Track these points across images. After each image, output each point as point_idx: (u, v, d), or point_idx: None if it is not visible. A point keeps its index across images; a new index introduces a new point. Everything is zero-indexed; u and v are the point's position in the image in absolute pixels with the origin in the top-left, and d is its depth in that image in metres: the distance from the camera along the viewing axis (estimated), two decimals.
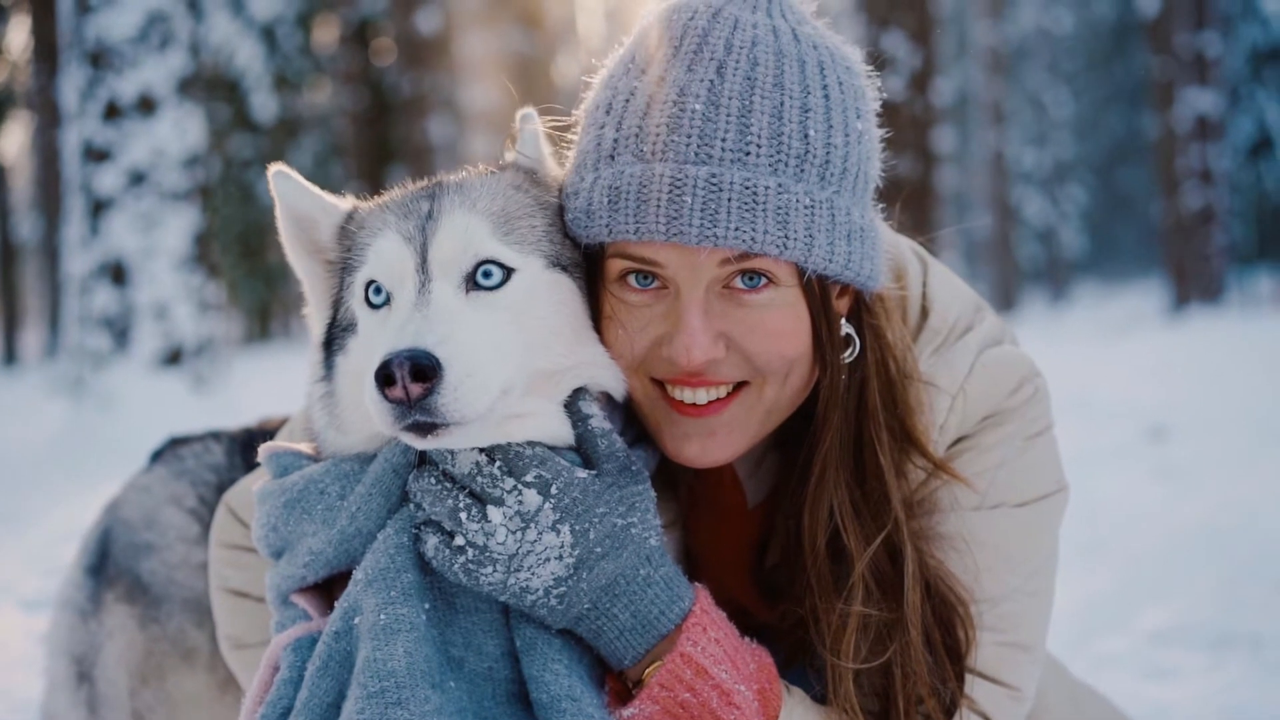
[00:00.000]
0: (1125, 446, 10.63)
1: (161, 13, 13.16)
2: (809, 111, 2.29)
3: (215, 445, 3.31)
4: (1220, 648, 5.50)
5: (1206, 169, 27.37)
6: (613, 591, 2.25)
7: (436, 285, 2.25)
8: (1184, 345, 19.34)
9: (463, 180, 2.47)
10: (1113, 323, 28.19)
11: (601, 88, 2.46)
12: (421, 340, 2.10)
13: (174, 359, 13.14)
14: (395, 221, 2.35)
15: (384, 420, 2.12)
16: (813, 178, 2.28)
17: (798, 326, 2.37)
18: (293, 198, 2.51)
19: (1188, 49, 27.35)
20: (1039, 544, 2.58)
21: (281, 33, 35.66)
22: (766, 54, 2.30)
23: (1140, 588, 6.38)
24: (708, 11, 2.36)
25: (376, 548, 2.24)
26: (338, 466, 2.35)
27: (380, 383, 2.07)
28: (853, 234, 2.34)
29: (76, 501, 9.56)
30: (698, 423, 2.43)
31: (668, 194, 2.25)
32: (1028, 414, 2.59)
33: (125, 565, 3.12)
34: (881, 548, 2.46)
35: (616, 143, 2.34)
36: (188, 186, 13.30)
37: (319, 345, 2.48)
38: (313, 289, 2.55)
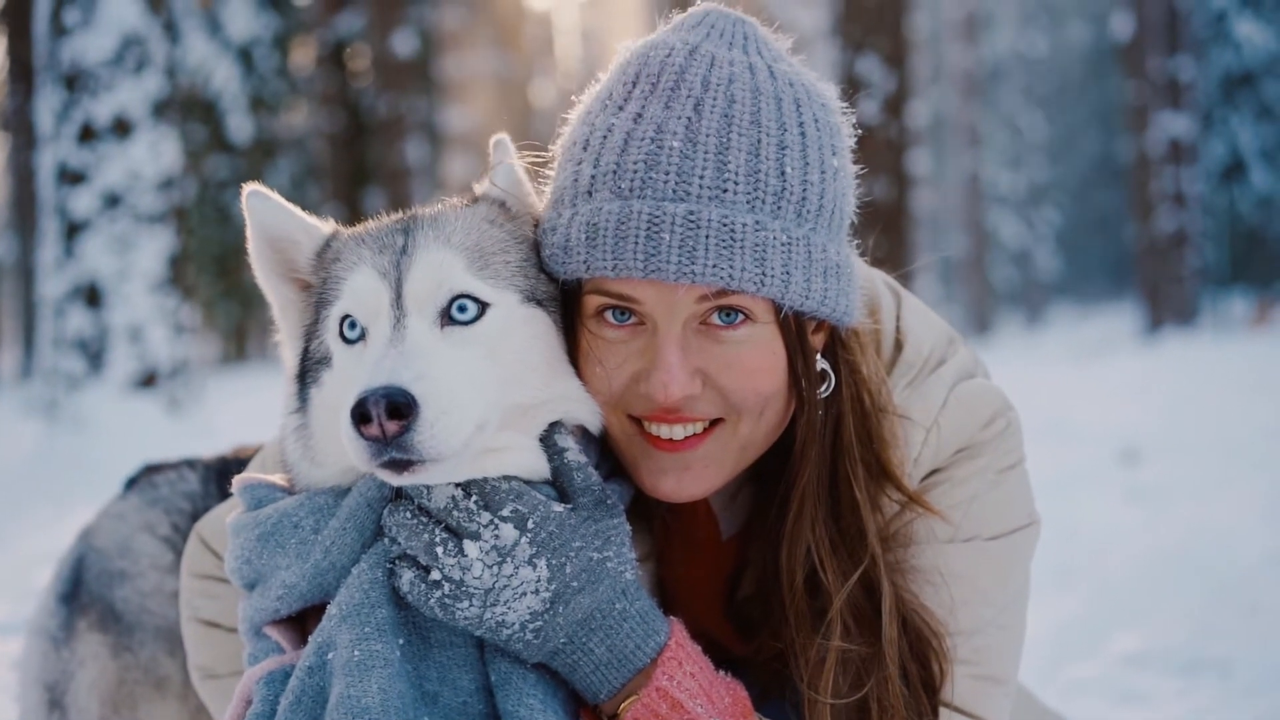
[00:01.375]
0: (1098, 469, 10.64)
1: (137, 35, 13.14)
2: (786, 149, 2.30)
3: (190, 473, 3.31)
4: (1192, 672, 5.50)
5: (1180, 192, 27.56)
6: (588, 626, 2.26)
7: (412, 321, 2.24)
8: (1158, 368, 19.43)
9: (437, 214, 2.46)
10: (1087, 345, 28.30)
11: (579, 123, 2.46)
12: (397, 377, 2.10)
13: (148, 382, 13.09)
14: (370, 256, 2.34)
15: (360, 457, 2.12)
16: (789, 215, 2.29)
17: (774, 363, 2.38)
18: (270, 218, 2.49)
19: (1161, 73, 27.55)
20: (1011, 577, 2.60)
21: (258, 54, 35.66)
22: (743, 91, 2.32)
23: (1112, 612, 6.38)
24: (685, 49, 2.37)
25: (351, 582, 2.24)
26: (312, 500, 2.35)
27: (356, 420, 2.08)
28: (829, 270, 2.35)
29: (49, 524, 9.51)
30: (674, 458, 2.43)
31: (645, 231, 2.25)
32: (1000, 447, 2.60)
33: (98, 593, 3.11)
34: (858, 583, 2.46)
35: (594, 179, 2.34)
36: (163, 209, 13.26)
37: (293, 377, 2.47)
38: (283, 314, 2.55)
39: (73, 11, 13.07)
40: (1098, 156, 55.43)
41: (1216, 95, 35.98)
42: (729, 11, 2.47)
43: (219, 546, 2.82)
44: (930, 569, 2.53)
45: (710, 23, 2.43)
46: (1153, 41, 27.48)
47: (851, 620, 2.46)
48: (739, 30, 2.43)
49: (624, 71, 2.42)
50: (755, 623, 2.70)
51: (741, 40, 2.41)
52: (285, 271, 2.52)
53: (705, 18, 2.45)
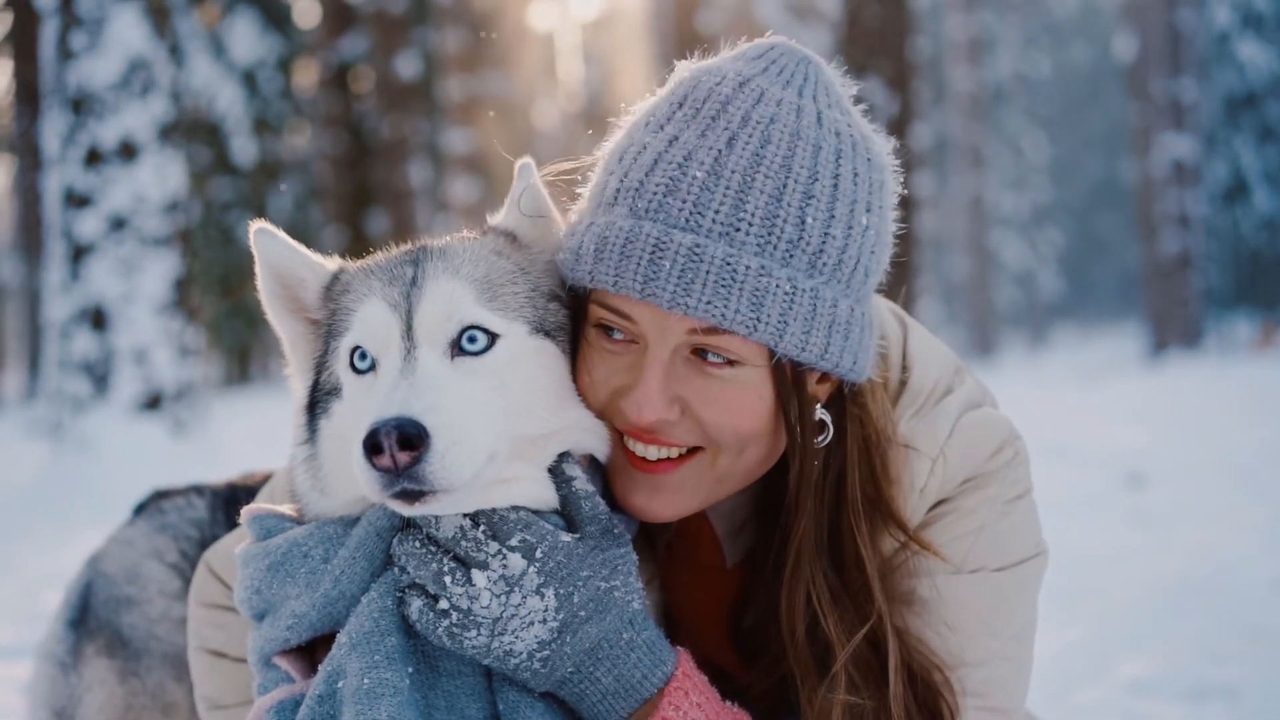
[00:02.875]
0: (1103, 493, 10.64)
1: (143, 59, 13.17)
2: (812, 198, 2.28)
3: (198, 499, 3.31)
4: (1199, 698, 5.49)
5: (1184, 214, 27.60)
6: (596, 655, 2.26)
7: (422, 352, 2.25)
8: (1162, 390, 19.42)
9: (446, 246, 2.47)
10: (1091, 367, 28.29)
11: (624, 134, 2.47)
12: (408, 408, 2.11)
13: (153, 404, 13.09)
14: (380, 288, 2.35)
15: (372, 488, 2.13)
16: (800, 264, 2.28)
17: (757, 405, 2.37)
18: (276, 256, 2.50)
19: (1164, 95, 27.61)
20: (1018, 608, 2.58)
21: (262, 77, 35.77)
22: (782, 133, 2.30)
23: (1118, 637, 6.37)
24: (736, 79, 2.36)
25: (360, 611, 2.24)
26: (321, 529, 2.36)
27: (368, 451, 2.08)
28: (836, 325, 2.33)
29: (55, 547, 9.51)
30: (646, 478, 2.44)
31: (649, 254, 2.26)
32: (1008, 477, 2.58)
33: (106, 619, 3.12)
34: (867, 645, 2.45)
35: (618, 193, 2.35)
36: (168, 232, 13.28)
37: (302, 408, 2.47)
38: (294, 349, 2.55)
39: (79, 35, 13.10)
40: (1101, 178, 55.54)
41: (1219, 117, 36.02)
42: (796, 50, 2.45)
43: (227, 576, 2.82)
44: (937, 600, 2.52)
45: (772, 57, 2.41)
46: (1156, 63, 27.55)
47: (857, 674, 2.45)
48: (800, 70, 2.40)
49: (674, 91, 2.42)
50: (759, 650, 2.69)
51: (800, 80, 2.38)
52: (294, 307, 2.52)
53: (769, 51, 2.43)
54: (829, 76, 2.44)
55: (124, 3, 13.13)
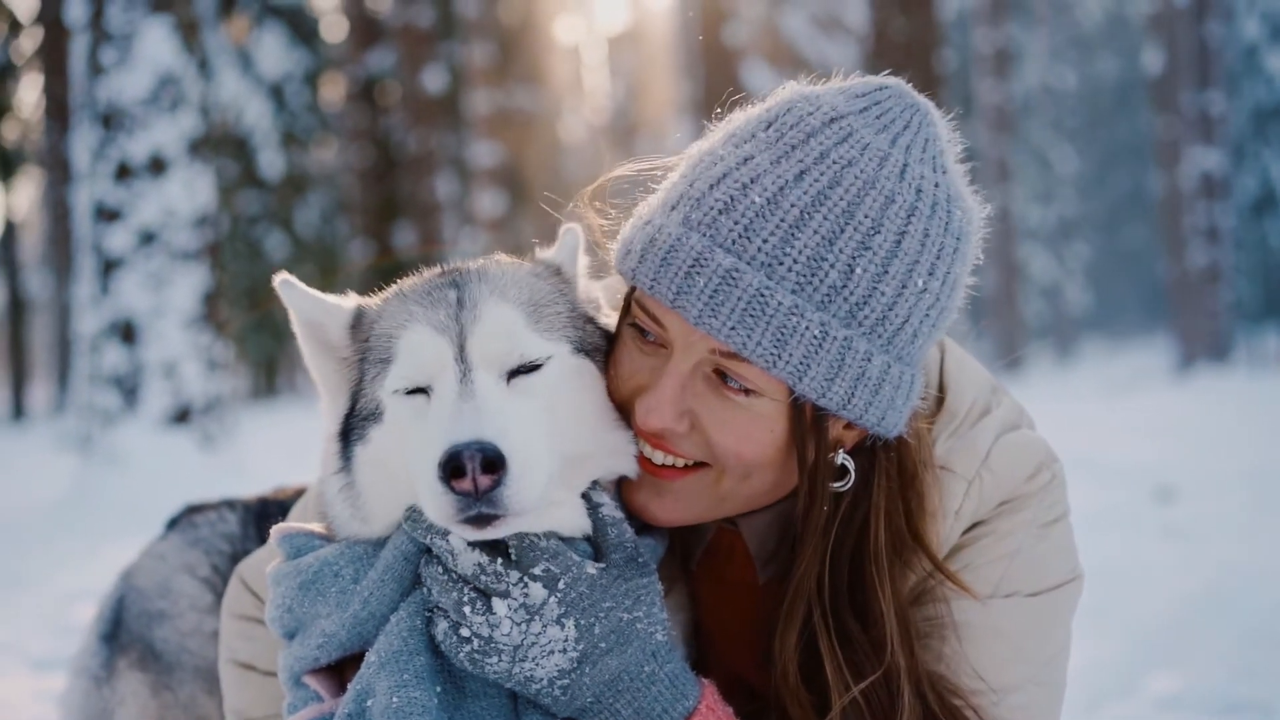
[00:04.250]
0: (1132, 507, 10.58)
1: (172, 75, 13.25)
2: (868, 250, 2.23)
3: (230, 514, 3.33)
4: (1228, 714, 5.45)
5: (1212, 226, 27.48)
6: (616, 687, 2.26)
7: (478, 375, 2.25)
8: (1191, 404, 19.33)
9: (483, 268, 2.48)
10: (1119, 380, 28.15)
11: (709, 140, 2.46)
12: (483, 432, 2.11)
13: (182, 417, 13.15)
14: (423, 312, 2.34)
15: (442, 511, 2.13)
16: (838, 312, 2.24)
17: (766, 438, 2.35)
18: (298, 304, 2.48)
19: (1192, 107, 27.51)
20: (1052, 634, 2.55)
21: (290, 91, 35.94)
22: (856, 178, 2.25)
23: (1149, 652, 6.33)
24: (828, 114, 2.31)
25: (390, 630, 2.25)
26: (351, 549, 2.36)
27: (446, 473, 2.08)
28: (865, 378, 2.28)
29: (85, 560, 9.56)
30: (651, 479, 2.44)
31: (687, 267, 2.25)
32: (1044, 500, 2.55)
33: (138, 633, 3.14)
34: (880, 682, 2.42)
35: (681, 198, 2.35)
36: (197, 246, 13.34)
37: (336, 436, 2.45)
38: (325, 383, 2.53)
39: (109, 51, 13.19)
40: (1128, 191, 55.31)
41: (1248, 129, 35.86)
42: (908, 95, 2.39)
43: (259, 588, 2.83)
44: (969, 624, 2.49)
45: (877, 99, 2.36)
46: (1184, 76, 27.45)
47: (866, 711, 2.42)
48: (904, 118, 2.34)
49: (768, 110, 2.39)
50: None
51: (899, 128, 2.32)
52: (322, 348, 2.51)
53: (877, 91, 2.37)
54: (935, 130, 2.37)
55: (154, 18, 13.22)
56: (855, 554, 2.46)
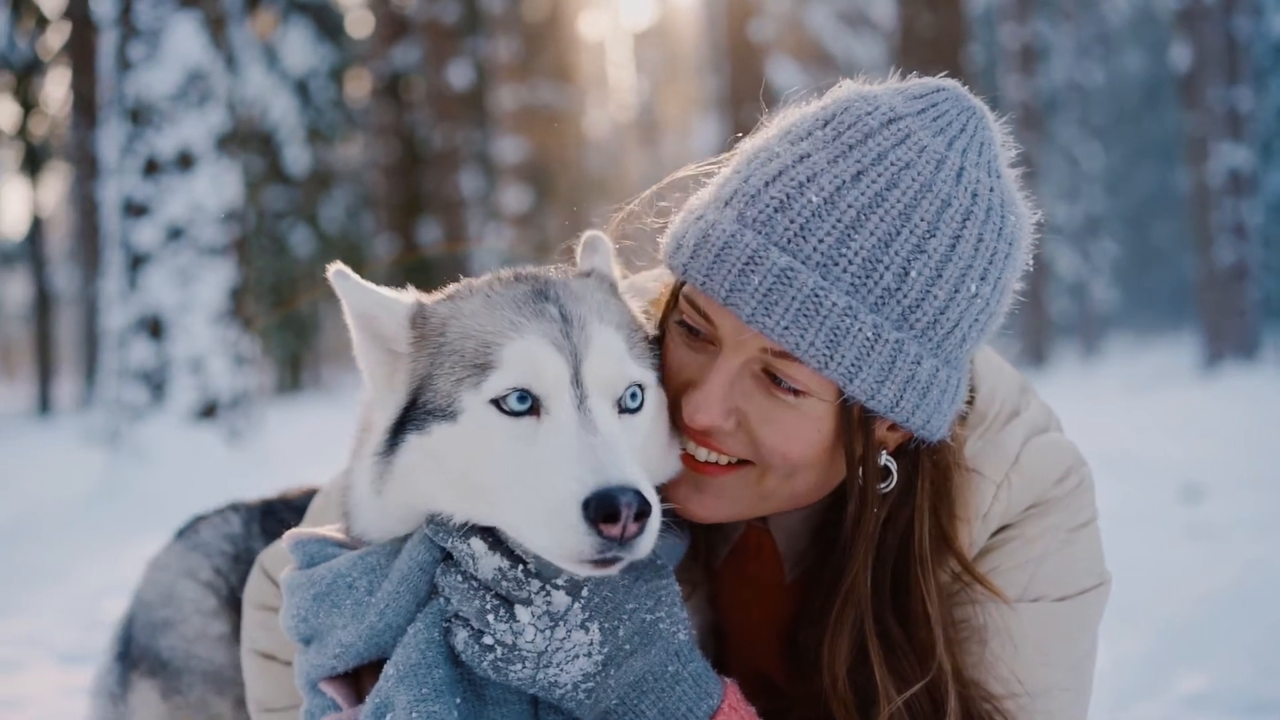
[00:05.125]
0: (1159, 505, 10.53)
1: (200, 70, 13.28)
2: (923, 253, 2.23)
3: (233, 516, 3.35)
4: (1256, 713, 5.44)
5: (1240, 223, 27.30)
6: (640, 688, 2.25)
7: (595, 404, 2.22)
8: (1218, 401, 19.21)
9: (564, 281, 2.44)
10: (1145, 378, 28.02)
11: (762, 136, 2.45)
12: (631, 477, 2.08)
13: (209, 412, 13.19)
14: (530, 324, 2.28)
15: (573, 549, 2.08)
16: (891, 314, 2.24)
17: (814, 438, 2.35)
18: (353, 296, 2.40)
19: (1220, 104, 27.33)
20: (1079, 639, 2.55)
21: (315, 86, 35.97)
22: (913, 181, 2.25)
23: (1175, 651, 6.30)
24: (886, 114, 2.31)
25: (407, 642, 2.24)
26: (364, 560, 2.35)
27: (598, 516, 2.04)
28: (914, 381, 2.28)
29: (112, 555, 9.61)
30: (690, 475, 2.45)
31: (742, 264, 2.25)
32: (1072, 504, 2.55)
33: (145, 644, 3.17)
34: (924, 690, 2.42)
35: (734, 194, 2.34)
36: (224, 241, 13.38)
37: (388, 428, 2.34)
38: (373, 374, 2.44)
39: (137, 46, 13.22)
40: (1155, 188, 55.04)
41: (1276, 125, 35.65)
42: (964, 98, 2.39)
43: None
44: (995, 628, 2.49)
45: (934, 100, 2.35)
46: (1211, 72, 27.28)
47: None
48: (959, 121, 2.34)
49: (825, 108, 2.39)
50: (811, 669, 2.66)
51: (955, 132, 2.32)
52: (374, 340, 2.42)
53: (935, 94, 2.37)
54: (990, 134, 2.38)
55: (182, 13, 13.25)
56: (899, 558, 2.46)
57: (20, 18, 32.54)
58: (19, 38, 32.73)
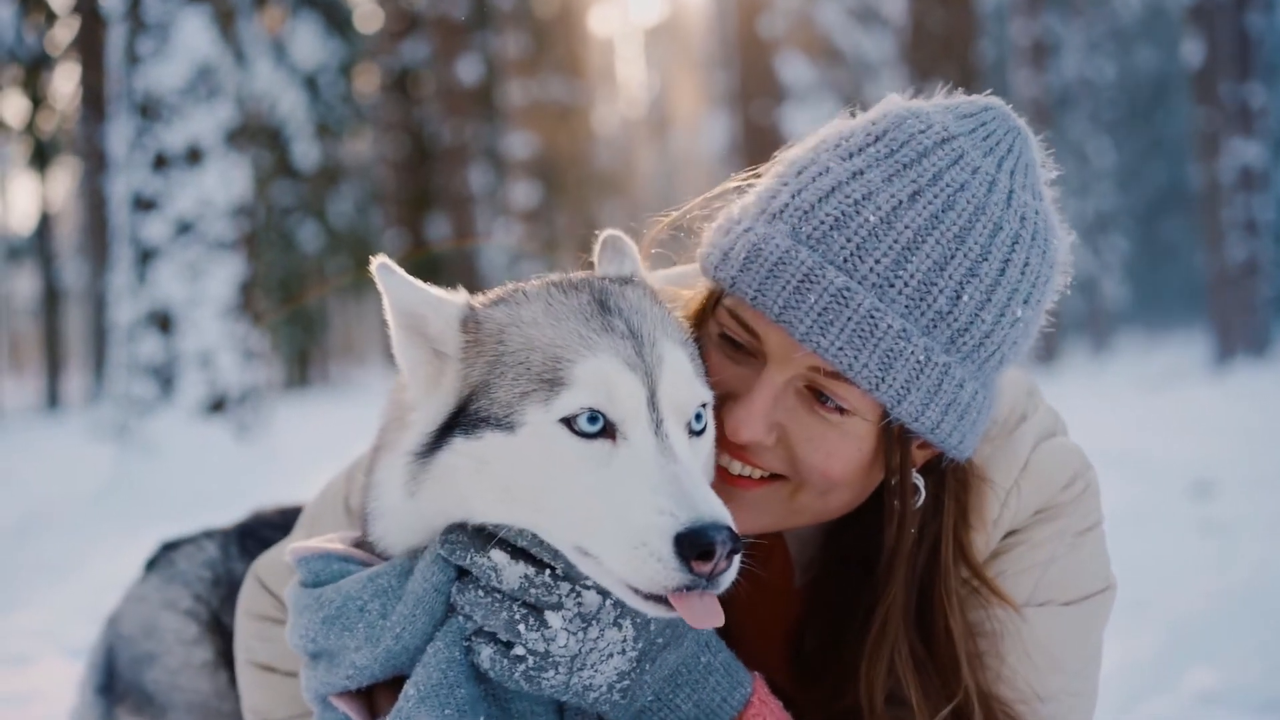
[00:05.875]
0: (1169, 503, 10.50)
1: (209, 65, 13.30)
2: (975, 277, 2.24)
3: (208, 543, 3.33)
4: (1269, 711, 5.43)
5: (1251, 220, 27.19)
6: (675, 681, 2.24)
7: (671, 428, 2.16)
8: (1229, 398, 19.14)
9: (625, 293, 2.34)
10: (1155, 375, 27.95)
11: (809, 147, 2.43)
12: (723, 513, 2.03)
13: (218, 407, 13.20)
14: (604, 341, 2.19)
15: (659, 580, 2.02)
16: (941, 337, 2.24)
17: (855, 456, 2.35)
18: (397, 291, 2.30)
19: (1232, 100, 27.22)
20: (1085, 644, 2.55)
21: (324, 81, 35.98)
22: (968, 203, 2.25)
23: (1186, 648, 6.29)
24: (940, 133, 2.31)
25: (427, 662, 2.21)
26: (374, 582, 2.29)
27: (693, 553, 1.98)
28: (955, 404, 2.29)
29: (121, 549, 9.59)
30: (723, 487, 2.40)
31: (797, 282, 2.23)
32: (1079, 509, 2.55)
33: (130, 680, 3.15)
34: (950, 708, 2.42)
35: (785, 208, 2.31)
36: (233, 236, 13.40)
37: (431, 430, 2.25)
38: (414, 374, 2.33)
39: (146, 41, 13.25)
40: (1166, 184, 54.91)
41: None
42: (1010, 118, 2.39)
43: (276, 587, 2.82)
44: (1003, 634, 2.49)
45: (983, 119, 2.36)
46: (1223, 68, 27.18)
47: None
48: (1007, 141, 2.34)
49: (875, 124, 2.36)
50: (817, 674, 2.68)
51: (1003, 152, 2.32)
52: (417, 338, 2.32)
53: (983, 112, 2.37)
54: (1033, 155, 2.39)
55: (191, 8, 13.29)
56: (926, 575, 2.46)
57: (29, 12, 32.55)
58: (27, 32, 32.75)
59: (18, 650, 7.04)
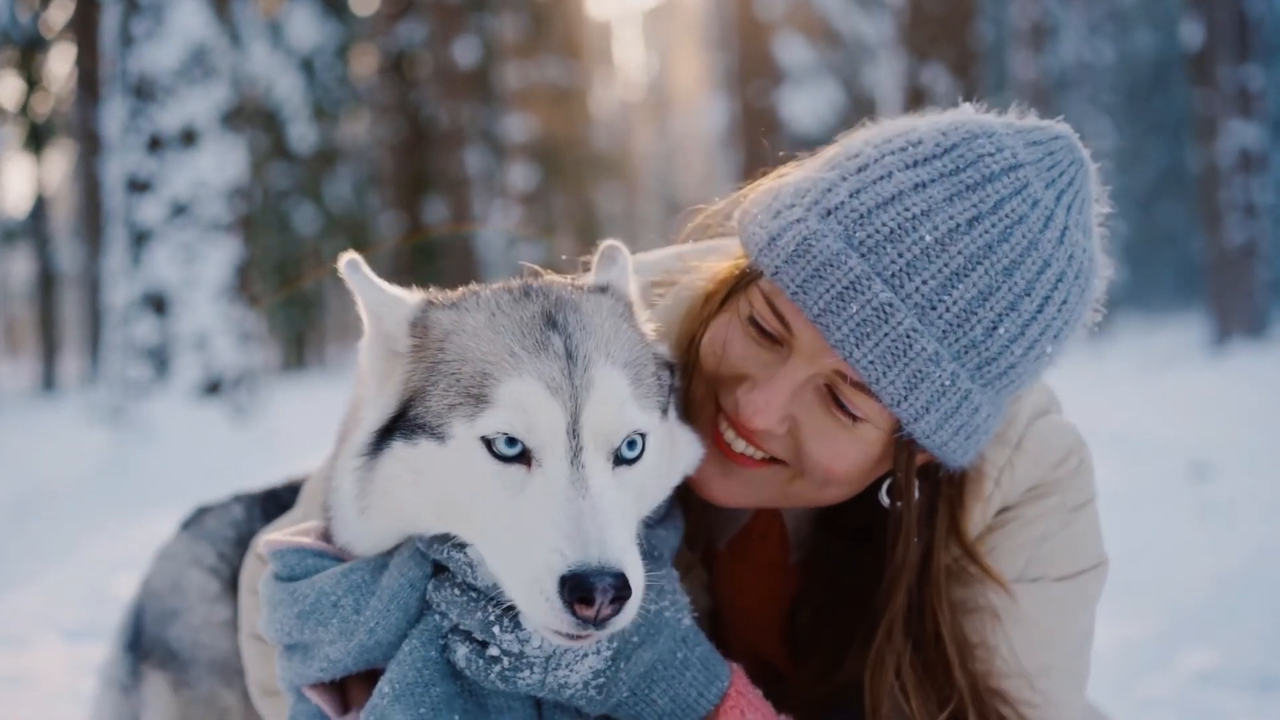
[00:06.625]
0: (1167, 484, 10.51)
1: (204, 46, 13.27)
2: (1014, 311, 2.23)
3: (236, 505, 3.36)
4: (1266, 690, 5.45)
5: (1250, 203, 27.17)
6: (650, 678, 2.24)
7: (590, 458, 2.10)
8: (1226, 380, 19.14)
9: (575, 302, 2.28)
10: (1154, 357, 27.97)
11: (870, 141, 2.38)
12: (612, 557, 1.98)
13: (213, 389, 13.21)
14: (531, 361, 2.13)
15: (546, 622, 2.01)
16: (970, 364, 2.24)
17: (860, 459, 2.35)
18: (361, 287, 2.29)
19: (1231, 82, 27.18)
20: (1078, 619, 2.56)
21: (320, 64, 35.84)
22: (1023, 237, 2.23)
23: (1183, 629, 6.32)
24: (1008, 160, 2.28)
25: (402, 659, 2.20)
26: (348, 577, 2.27)
27: (572, 596, 1.95)
28: (965, 427, 2.29)
29: (117, 532, 9.62)
30: (720, 459, 2.43)
31: (842, 287, 2.21)
32: (1072, 486, 2.55)
33: (156, 635, 3.17)
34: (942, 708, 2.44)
35: (840, 207, 2.27)
36: (229, 218, 13.39)
37: (375, 430, 2.24)
38: (372, 369, 2.32)
39: (141, 22, 13.21)
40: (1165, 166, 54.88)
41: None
42: (1076, 148, 2.37)
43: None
44: (996, 609, 2.50)
45: (1052, 149, 2.33)
46: (1222, 50, 27.14)
47: None
48: (1069, 174, 2.32)
49: (946, 134, 2.32)
50: (809, 649, 2.71)
51: (1064, 185, 2.30)
52: (378, 335, 2.31)
53: (1052, 141, 2.35)
54: (1090, 189, 2.37)
55: None
56: (917, 581, 2.47)
57: None
58: (22, 14, 32.64)
59: (14, 632, 7.04)
